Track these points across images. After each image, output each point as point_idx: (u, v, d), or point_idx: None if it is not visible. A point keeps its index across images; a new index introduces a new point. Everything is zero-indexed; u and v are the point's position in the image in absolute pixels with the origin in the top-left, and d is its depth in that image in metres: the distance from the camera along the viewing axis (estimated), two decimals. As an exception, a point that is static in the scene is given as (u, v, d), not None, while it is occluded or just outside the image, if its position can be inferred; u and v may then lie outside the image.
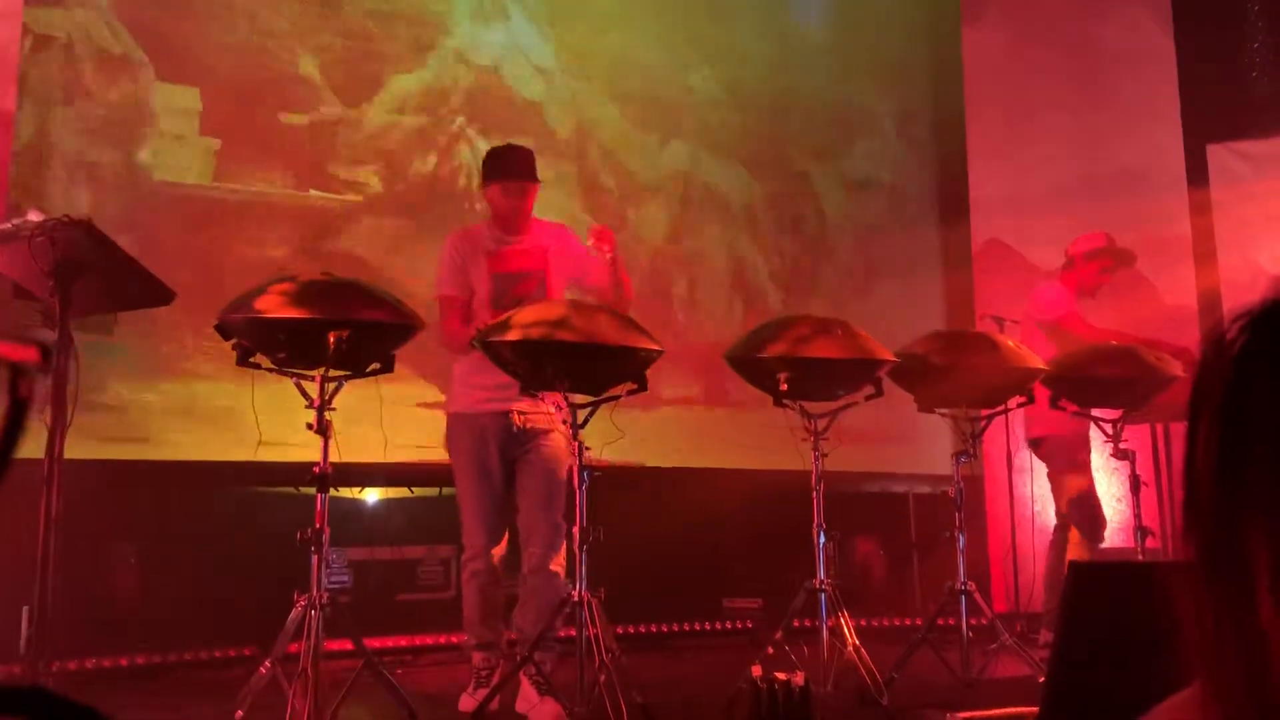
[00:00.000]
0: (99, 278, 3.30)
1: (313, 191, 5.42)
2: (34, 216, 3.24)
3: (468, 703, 3.79)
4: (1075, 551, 4.86)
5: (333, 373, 3.29)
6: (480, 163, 4.22)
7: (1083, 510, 4.93)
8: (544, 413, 3.90)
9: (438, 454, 4.13)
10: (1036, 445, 5.11)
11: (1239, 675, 0.40)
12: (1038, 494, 5.94)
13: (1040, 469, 5.60)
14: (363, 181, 5.54)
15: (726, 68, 6.61)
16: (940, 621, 4.34)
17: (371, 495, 5.49)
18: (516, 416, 3.86)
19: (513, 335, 3.45)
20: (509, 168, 4.01)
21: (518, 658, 3.63)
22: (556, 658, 3.83)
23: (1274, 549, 0.40)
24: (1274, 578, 0.40)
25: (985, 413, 4.46)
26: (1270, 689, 0.39)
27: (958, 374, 4.17)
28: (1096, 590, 2.23)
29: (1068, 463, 4.98)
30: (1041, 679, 3.27)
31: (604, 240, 3.88)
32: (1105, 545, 5.67)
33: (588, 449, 3.54)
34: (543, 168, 4.29)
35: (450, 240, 4.07)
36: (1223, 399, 0.44)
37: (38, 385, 0.44)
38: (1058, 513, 5.13)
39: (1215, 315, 5.89)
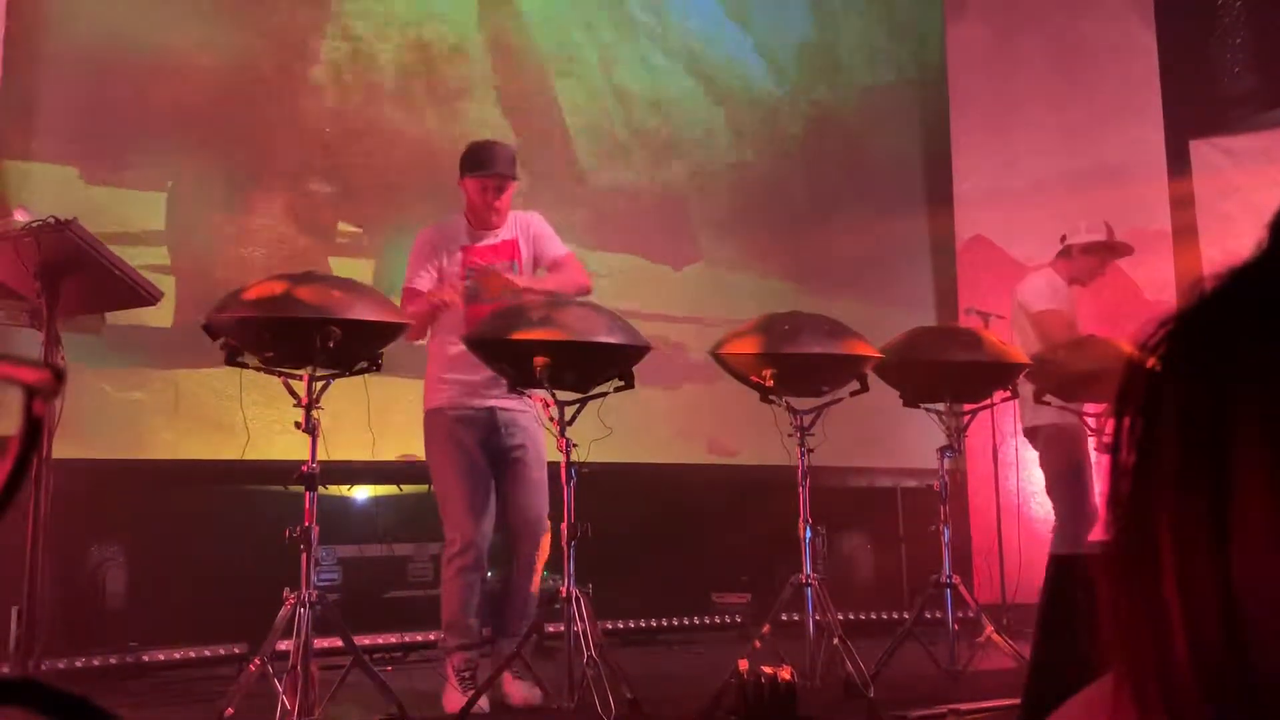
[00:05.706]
0: (85, 278, 3.31)
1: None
2: (20, 216, 3.24)
3: (455, 700, 3.64)
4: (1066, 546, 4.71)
5: (320, 371, 3.29)
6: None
7: (1072, 503, 4.80)
8: (524, 410, 3.90)
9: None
10: (1032, 435, 4.90)
11: (1147, 649, 0.47)
12: (1021, 488, 5.95)
13: (1025, 462, 5.59)
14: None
15: (704, 65, 6.61)
16: (926, 614, 4.38)
17: (361, 493, 5.49)
18: (500, 412, 3.85)
19: (501, 334, 3.47)
20: (488, 162, 3.91)
21: (498, 652, 3.66)
22: (532, 649, 3.85)
23: (1177, 535, 0.47)
24: (1178, 560, 0.46)
25: (969, 407, 4.48)
26: (1173, 660, 0.46)
27: (943, 369, 4.19)
28: (1077, 582, 2.26)
29: (1063, 454, 4.78)
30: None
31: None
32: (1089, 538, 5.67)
33: (575, 446, 3.56)
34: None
35: (423, 234, 4.01)
36: (1143, 401, 0.50)
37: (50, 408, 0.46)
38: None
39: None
